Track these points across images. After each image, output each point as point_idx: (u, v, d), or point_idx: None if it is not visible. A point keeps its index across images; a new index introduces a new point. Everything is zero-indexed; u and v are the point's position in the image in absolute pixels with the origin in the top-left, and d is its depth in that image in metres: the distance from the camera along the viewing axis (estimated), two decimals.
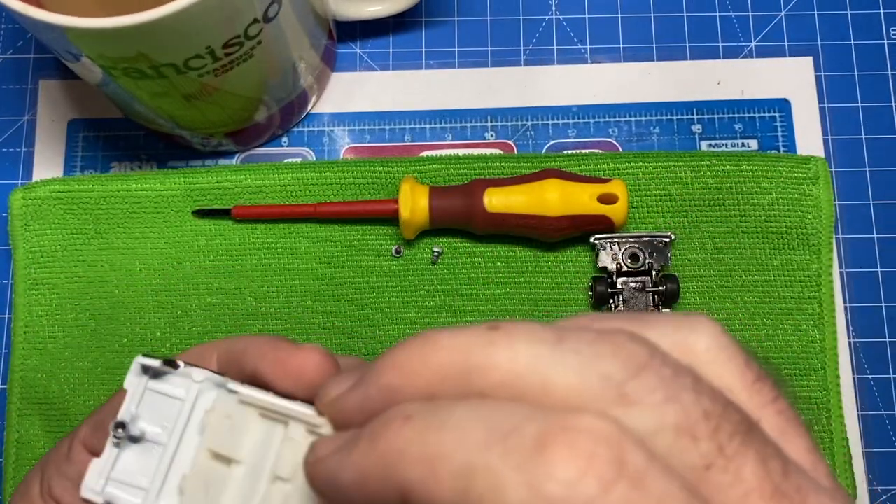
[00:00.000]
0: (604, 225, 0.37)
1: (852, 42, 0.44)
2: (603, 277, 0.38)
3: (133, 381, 0.22)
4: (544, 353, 0.16)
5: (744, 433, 0.16)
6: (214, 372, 0.22)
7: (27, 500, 0.26)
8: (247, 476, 0.21)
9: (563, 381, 0.16)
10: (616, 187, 0.37)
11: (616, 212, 0.37)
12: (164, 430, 0.22)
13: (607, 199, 0.37)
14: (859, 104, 0.43)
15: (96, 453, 0.24)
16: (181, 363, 0.22)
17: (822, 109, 0.43)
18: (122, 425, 0.21)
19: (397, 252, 0.40)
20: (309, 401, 0.21)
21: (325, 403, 0.19)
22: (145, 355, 0.22)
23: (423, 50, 0.44)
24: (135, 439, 0.22)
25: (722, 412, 0.16)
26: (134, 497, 0.22)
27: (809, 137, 0.42)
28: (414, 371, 0.17)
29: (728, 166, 0.39)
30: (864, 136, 0.42)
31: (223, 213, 0.40)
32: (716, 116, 0.42)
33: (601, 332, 0.16)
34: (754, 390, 0.18)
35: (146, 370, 0.22)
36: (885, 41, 0.44)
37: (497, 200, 0.37)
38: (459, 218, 0.38)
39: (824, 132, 0.42)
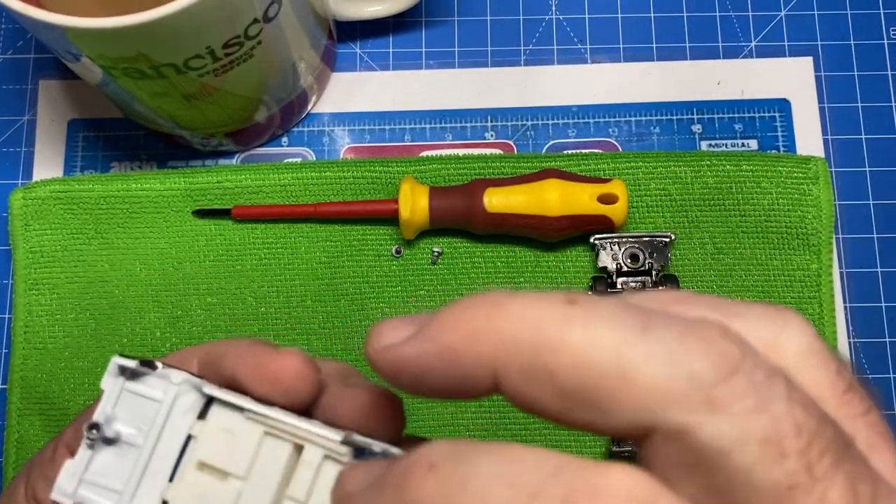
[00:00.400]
0: (604, 225, 0.37)
1: (852, 42, 0.44)
2: (603, 277, 0.38)
3: (110, 382, 0.21)
4: (629, 338, 0.15)
5: (836, 451, 0.14)
6: (193, 374, 0.21)
7: (13, 502, 0.26)
8: (249, 493, 0.20)
9: (647, 373, 0.14)
10: (616, 187, 0.37)
11: (616, 212, 0.37)
12: (140, 432, 0.21)
13: (607, 199, 0.37)
14: (859, 104, 0.43)
15: None
16: (159, 364, 0.21)
17: (822, 109, 0.43)
18: (95, 426, 0.21)
19: (397, 252, 0.40)
20: (289, 406, 0.21)
21: (376, 349, 0.18)
22: (122, 356, 0.21)
23: (423, 50, 0.44)
24: (110, 441, 0.21)
25: (816, 427, 0.14)
26: (107, 500, 0.21)
27: (809, 137, 0.42)
28: (479, 337, 0.16)
29: (728, 166, 0.39)
30: (863, 136, 0.42)
31: (223, 213, 0.40)
32: (716, 116, 0.42)
33: (691, 324, 0.15)
34: (844, 401, 0.16)
35: (123, 371, 0.21)
36: (885, 41, 0.44)
37: (497, 200, 0.37)
38: (459, 218, 0.38)
39: (824, 132, 0.42)
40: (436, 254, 0.39)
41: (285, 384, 0.21)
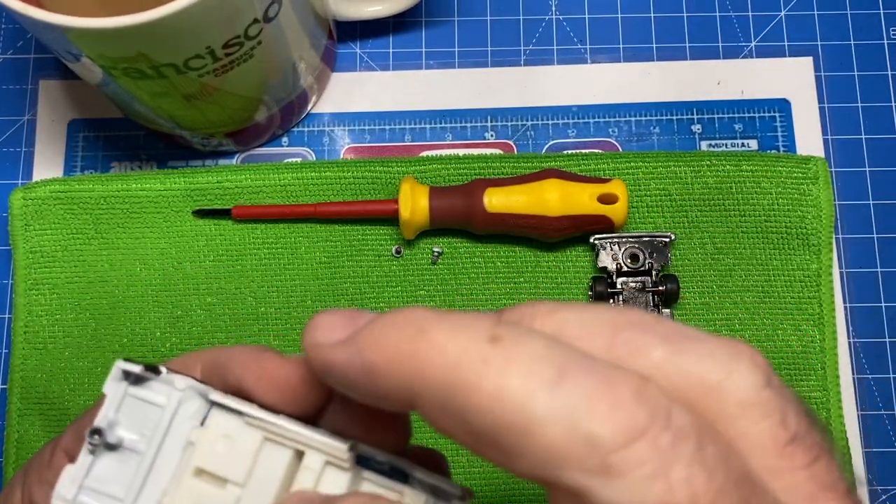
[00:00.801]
0: (604, 225, 0.37)
1: (852, 42, 0.44)
2: (603, 277, 0.38)
3: (112, 387, 0.21)
4: (537, 392, 0.15)
5: None
6: (198, 380, 0.21)
7: None
8: (248, 500, 0.20)
9: (549, 432, 0.14)
10: (616, 187, 0.37)
11: (616, 212, 0.37)
12: (142, 438, 0.21)
13: (607, 200, 0.37)
14: (859, 104, 0.43)
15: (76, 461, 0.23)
16: (163, 369, 0.21)
17: (822, 109, 0.43)
18: (97, 431, 0.20)
19: (397, 252, 0.40)
20: (295, 415, 0.21)
21: (309, 344, 0.18)
22: (126, 360, 0.21)
23: (423, 50, 0.44)
24: (111, 447, 0.21)
25: (716, 493, 0.14)
26: None
27: (809, 137, 0.42)
28: (399, 361, 0.16)
29: (728, 166, 0.39)
30: (863, 136, 0.42)
31: (223, 213, 0.40)
32: (716, 116, 0.42)
33: (608, 378, 0.15)
34: (786, 453, 0.16)
35: (126, 375, 0.21)
36: (885, 41, 0.44)
37: (497, 200, 0.37)
38: (459, 218, 0.38)
39: (824, 132, 0.42)
40: (436, 254, 0.39)
41: (292, 392, 0.21)
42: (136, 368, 0.21)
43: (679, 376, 0.16)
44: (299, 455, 0.20)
